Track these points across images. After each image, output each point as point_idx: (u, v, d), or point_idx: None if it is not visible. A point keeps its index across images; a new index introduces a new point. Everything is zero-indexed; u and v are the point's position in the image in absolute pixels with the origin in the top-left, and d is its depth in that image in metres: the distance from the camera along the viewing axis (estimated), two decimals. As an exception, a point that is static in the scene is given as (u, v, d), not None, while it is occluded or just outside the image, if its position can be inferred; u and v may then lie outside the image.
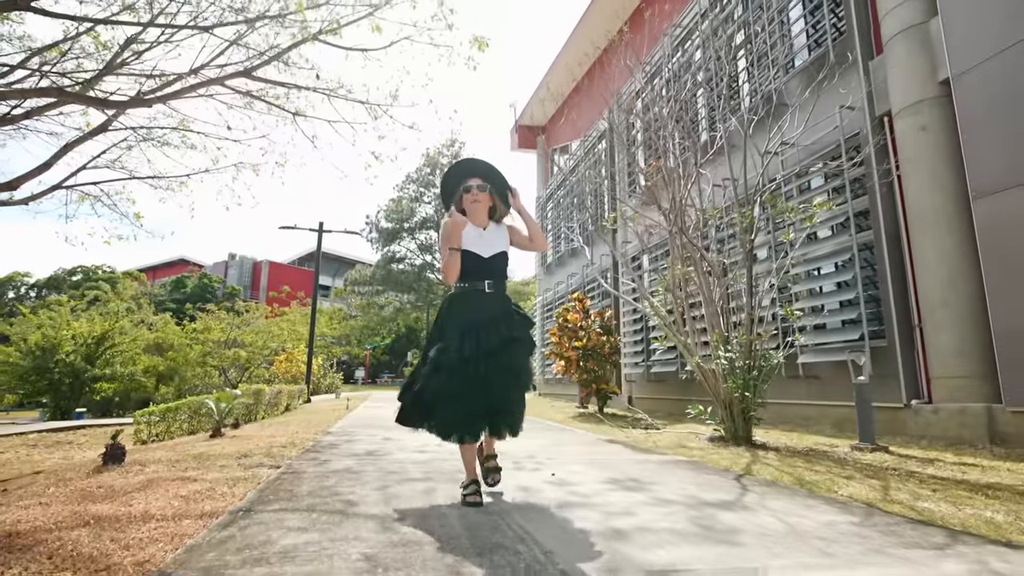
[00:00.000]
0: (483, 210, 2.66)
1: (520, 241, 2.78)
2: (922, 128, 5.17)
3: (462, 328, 2.51)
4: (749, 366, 4.80)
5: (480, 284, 2.60)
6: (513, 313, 2.67)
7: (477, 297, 2.60)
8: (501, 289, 2.67)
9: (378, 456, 3.87)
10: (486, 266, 2.61)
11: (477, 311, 2.56)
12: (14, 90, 6.24)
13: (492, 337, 2.48)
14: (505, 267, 2.71)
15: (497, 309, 2.60)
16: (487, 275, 2.61)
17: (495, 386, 2.45)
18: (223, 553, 1.67)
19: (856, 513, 2.38)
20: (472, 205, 2.63)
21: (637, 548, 1.82)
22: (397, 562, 1.63)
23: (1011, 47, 4.45)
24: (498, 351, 2.47)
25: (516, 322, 2.63)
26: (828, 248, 6.18)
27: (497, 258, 2.65)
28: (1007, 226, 4.43)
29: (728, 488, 2.89)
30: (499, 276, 2.66)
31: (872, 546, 1.90)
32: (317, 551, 1.71)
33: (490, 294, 2.61)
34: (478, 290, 2.60)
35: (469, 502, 2.43)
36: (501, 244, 2.68)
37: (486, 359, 2.43)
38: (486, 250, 2.62)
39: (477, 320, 2.52)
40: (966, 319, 4.72)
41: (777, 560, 1.73)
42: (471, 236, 2.62)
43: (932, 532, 2.10)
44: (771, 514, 2.32)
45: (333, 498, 2.48)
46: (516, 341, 2.56)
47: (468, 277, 2.61)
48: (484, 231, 2.65)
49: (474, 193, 2.63)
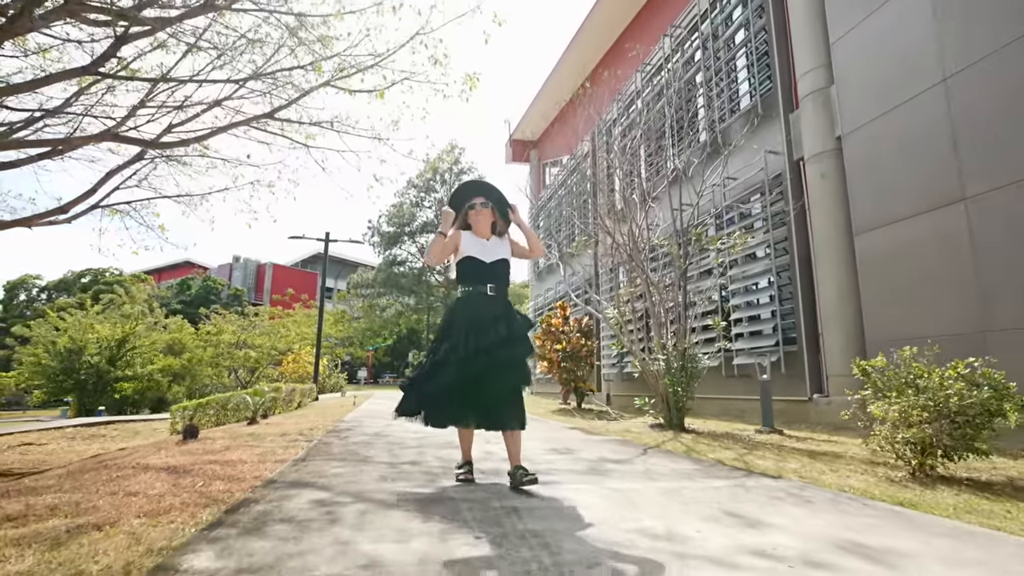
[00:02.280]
0: (485, 223, 2.96)
1: (520, 251, 3.08)
2: (822, 175, 6.39)
3: (464, 327, 2.72)
4: (681, 367, 6.01)
5: (483, 287, 2.84)
6: (514, 314, 2.88)
7: (480, 299, 2.83)
8: (502, 292, 2.91)
9: (384, 435, 5.10)
10: (488, 271, 2.87)
11: (479, 312, 2.77)
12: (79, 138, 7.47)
13: (491, 336, 2.69)
14: (506, 272, 2.95)
15: (498, 310, 2.81)
16: (489, 279, 2.86)
17: (491, 381, 2.66)
18: (299, 474, 2.90)
19: (702, 464, 3.60)
20: (475, 219, 2.95)
21: (544, 477, 3.03)
22: (398, 479, 2.86)
23: (878, 118, 5.67)
24: (496, 349, 2.67)
25: (515, 322, 2.83)
26: (761, 267, 7.40)
27: (498, 264, 2.91)
28: (876, 258, 5.65)
29: (631, 453, 4.11)
30: (500, 280, 2.90)
31: (685, 476, 3.12)
32: (352, 474, 2.94)
33: (492, 297, 2.85)
34: (481, 293, 2.84)
35: (461, 479, 2.81)
36: (502, 252, 2.96)
37: (484, 356, 2.64)
38: (487, 256, 2.90)
39: (479, 320, 2.74)
40: (849, 329, 5.94)
41: (623, 482, 2.95)
42: (474, 245, 2.92)
43: (738, 473, 3.31)
44: (644, 465, 3.55)
45: (354, 455, 3.71)
46: (514, 340, 2.75)
47: (471, 281, 2.87)
48: (487, 241, 2.95)
49: (477, 209, 2.94)
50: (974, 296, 4.68)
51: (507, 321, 2.78)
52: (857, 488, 2.84)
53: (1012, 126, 4.47)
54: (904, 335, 5.16)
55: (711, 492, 2.68)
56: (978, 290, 4.65)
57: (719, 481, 3.01)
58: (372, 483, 2.77)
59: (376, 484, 2.74)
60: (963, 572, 1.56)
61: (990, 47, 4.64)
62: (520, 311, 3.00)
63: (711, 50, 8.69)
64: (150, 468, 3.10)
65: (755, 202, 7.76)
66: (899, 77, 5.47)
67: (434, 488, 2.67)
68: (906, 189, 5.36)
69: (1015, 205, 4.41)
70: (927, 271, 5.12)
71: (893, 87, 5.53)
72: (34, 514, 2.10)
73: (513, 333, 2.75)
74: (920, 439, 3.06)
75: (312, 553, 1.64)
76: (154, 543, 1.68)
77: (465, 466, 2.88)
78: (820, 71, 6.57)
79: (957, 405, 2.94)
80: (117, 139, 7.65)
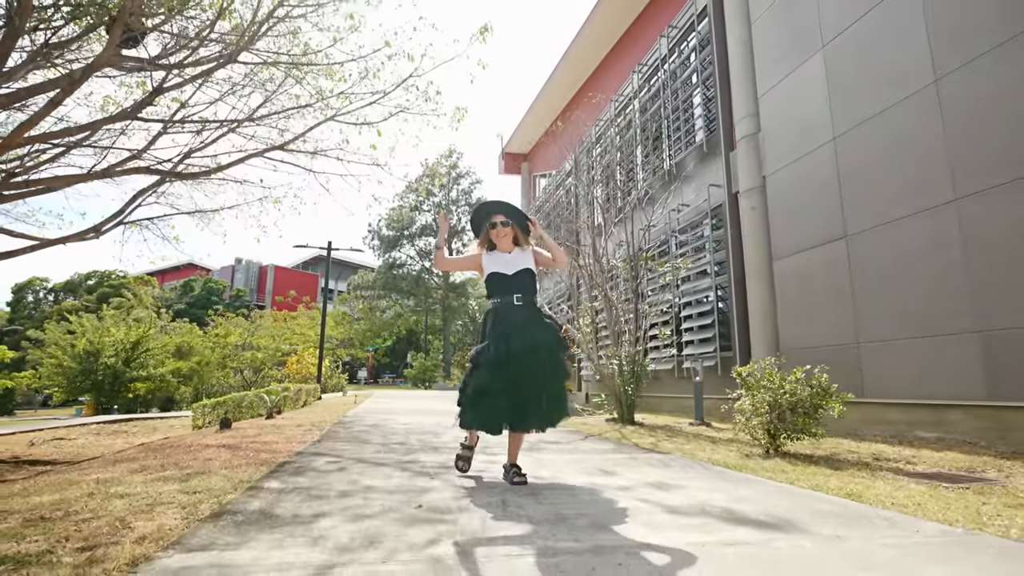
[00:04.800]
0: (507, 240, 3.13)
1: (544, 261, 3.21)
2: (752, 207, 7.57)
3: (495, 337, 2.91)
4: (631, 371, 7.19)
5: (509, 298, 3.02)
6: (540, 320, 3.04)
7: (507, 309, 3.00)
8: (529, 301, 3.05)
9: (379, 426, 6.28)
10: (511, 282, 3.03)
11: (507, 321, 2.95)
12: (119, 171, 8.64)
13: (520, 342, 2.85)
14: (530, 281, 3.09)
15: (525, 318, 2.98)
16: (515, 290, 3.02)
17: (523, 385, 2.82)
18: (318, 449, 4.08)
19: (620, 446, 4.77)
20: (498, 238, 3.13)
21: (489, 453, 4.18)
22: (388, 452, 4.04)
23: (791, 164, 6.85)
24: (526, 354, 2.83)
25: (542, 327, 2.99)
26: (707, 284, 8.58)
27: (521, 274, 3.06)
28: (787, 281, 6.84)
29: (571, 439, 5.28)
30: (526, 290, 3.05)
31: (597, 452, 4.29)
32: (355, 449, 4.12)
33: (519, 306, 3.00)
34: (508, 303, 3.01)
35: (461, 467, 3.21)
36: (524, 263, 3.10)
37: (516, 362, 2.82)
38: (510, 269, 3.06)
39: (507, 329, 2.91)
40: (769, 339, 7.12)
41: (545, 455, 4.11)
42: (497, 261, 3.11)
43: (639, 451, 4.48)
44: (573, 446, 4.71)
45: (356, 439, 4.89)
46: (541, 344, 2.91)
47: (498, 293, 3.05)
48: (508, 255, 3.12)
49: (499, 229, 3.11)
50: (852, 315, 5.86)
51: (534, 327, 2.95)
52: (715, 460, 4.00)
53: (881, 181, 5.64)
54: (805, 344, 6.35)
55: (603, 461, 3.86)
56: (854, 311, 5.83)
57: (618, 455, 4.18)
58: (369, 454, 3.95)
59: (372, 454, 3.92)
60: (710, 496, 2.72)
61: (871, 111, 5.80)
62: (550, 315, 3.18)
63: (670, 91, 9.87)
64: (209, 447, 4.27)
65: (705, 226, 8.94)
66: (804, 132, 6.65)
67: (411, 457, 3.85)
68: (807, 225, 6.54)
69: (879, 243, 5.59)
70: (820, 294, 6.30)
71: (801, 140, 6.71)
72: (153, 468, 3.27)
73: (538, 338, 2.91)
74: (766, 425, 4.23)
75: (332, 483, 2.82)
76: (241, 480, 2.85)
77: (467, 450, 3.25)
78: (751, 119, 7.75)
79: (788, 401, 4.11)
80: (149, 172, 8.83)
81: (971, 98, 4.78)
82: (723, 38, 8.43)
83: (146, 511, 2.19)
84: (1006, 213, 4.46)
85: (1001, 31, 4.54)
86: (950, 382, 4.81)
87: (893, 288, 5.43)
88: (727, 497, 2.64)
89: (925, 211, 5.12)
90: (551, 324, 3.07)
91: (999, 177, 4.52)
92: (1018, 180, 4.38)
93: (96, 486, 2.75)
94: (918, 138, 5.23)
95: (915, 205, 5.22)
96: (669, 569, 1.62)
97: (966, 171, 4.78)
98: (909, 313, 5.24)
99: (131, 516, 2.10)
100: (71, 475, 3.26)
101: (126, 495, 2.50)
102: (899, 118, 5.43)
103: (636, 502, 2.52)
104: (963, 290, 4.74)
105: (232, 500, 2.39)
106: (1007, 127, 4.48)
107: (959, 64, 4.87)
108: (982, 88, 4.69)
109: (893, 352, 5.38)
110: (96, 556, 1.63)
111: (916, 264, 5.19)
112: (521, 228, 3.15)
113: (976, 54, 4.73)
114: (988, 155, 4.62)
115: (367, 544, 1.81)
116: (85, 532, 1.89)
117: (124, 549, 1.69)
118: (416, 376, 33.65)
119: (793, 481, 3.12)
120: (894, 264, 5.41)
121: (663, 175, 9.56)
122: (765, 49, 7.48)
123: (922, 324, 5.10)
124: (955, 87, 4.90)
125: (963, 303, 4.73)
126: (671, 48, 9.97)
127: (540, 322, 3.02)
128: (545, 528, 2.04)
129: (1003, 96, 4.53)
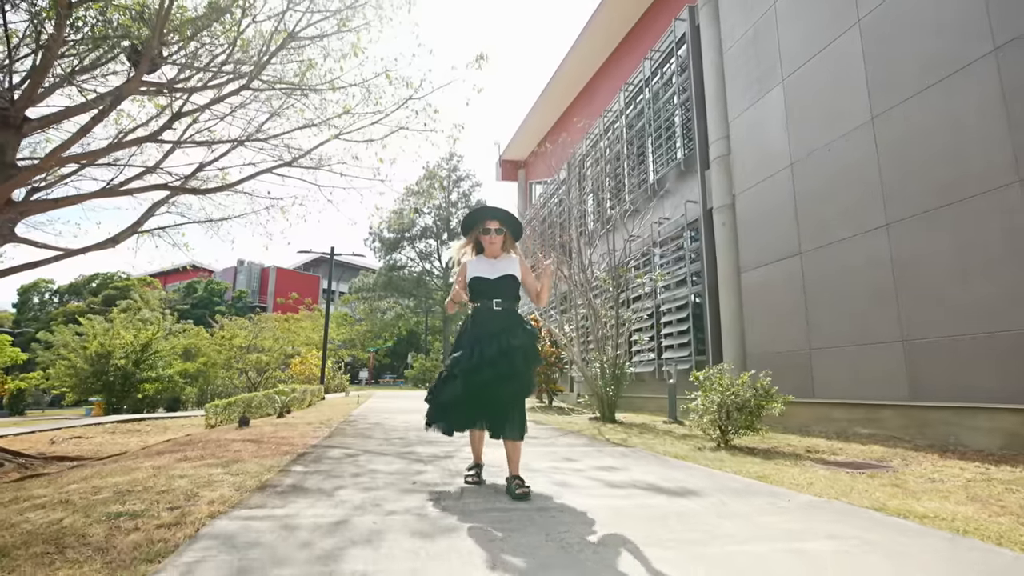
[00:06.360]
0: (497, 247, 3.12)
1: (529, 291, 3.16)
2: (723, 223, 8.24)
3: (472, 341, 2.94)
4: (612, 373, 7.87)
5: (489, 303, 3.01)
6: (518, 326, 3.00)
7: (487, 313, 3.00)
8: (509, 306, 3.04)
9: (381, 424, 6.96)
10: (493, 287, 3.02)
11: (485, 325, 2.96)
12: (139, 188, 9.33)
13: (495, 347, 2.84)
14: (512, 286, 3.07)
15: (503, 323, 2.97)
16: (495, 294, 3.01)
17: (494, 390, 2.83)
18: (330, 442, 4.77)
19: (592, 440, 5.44)
20: (488, 244, 3.12)
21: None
22: (389, 445, 4.72)
23: (755, 185, 7.53)
24: (498, 360, 2.83)
25: (519, 333, 2.95)
26: (685, 292, 9.26)
27: (503, 279, 3.04)
28: (753, 292, 7.51)
29: (550, 435, 5.95)
30: (506, 295, 3.03)
31: (569, 446, 4.97)
32: (361, 443, 4.80)
33: (498, 311, 3.00)
34: (488, 308, 3.01)
35: (469, 482, 3.10)
36: (509, 269, 3.08)
37: (489, 367, 2.82)
38: (493, 274, 3.05)
39: (484, 333, 2.93)
40: (737, 343, 7.79)
41: (525, 447, 4.79)
42: (481, 265, 3.10)
43: (607, 445, 5.15)
44: (551, 440, 5.39)
45: (362, 434, 5.57)
46: (515, 350, 2.86)
47: (479, 297, 3.03)
48: (494, 260, 3.12)
49: (492, 236, 3.09)
50: (805, 324, 6.54)
51: (510, 333, 2.92)
52: (669, 451, 4.68)
53: (829, 205, 6.32)
54: (768, 349, 7.03)
55: (571, 452, 4.54)
56: (807, 320, 6.51)
57: (587, 448, 4.86)
58: (373, 446, 4.63)
59: (376, 447, 4.60)
60: (644, 476, 3.40)
61: (822, 142, 6.47)
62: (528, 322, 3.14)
63: (652, 110, 10.55)
64: (235, 441, 4.95)
65: (684, 239, 9.62)
66: (767, 157, 7.33)
67: (408, 449, 4.54)
68: (769, 241, 7.22)
69: (827, 260, 6.27)
70: (779, 304, 6.98)
71: (763, 163, 7.38)
72: (194, 458, 3.95)
73: (516, 344, 2.87)
74: (716, 422, 4.91)
75: (345, 467, 3.51)
76: (271, 465, 3.54)
77: (475, 468, 3.19)
78: (723, 141, 8.42)
79: (733, 401, 4.79)
80: (167, 188, 9.52)
81: (900, 136, 5.46)
82: (700, 64, 9.11)
83: (206, 486, 2.87)
84: (925, 237, 5.14)
85: (924, 78, 5.22)
86: (881, 385, 5.49)
87: (838, 300, 6.11)
88: (658, 477, 3.33)
89: (862, 233, 5.80)
90: (531, 330, 3.06)
91: (920, 206, 5.20)
92: (933, 210, 5.06)
93: (155, 470, 3.43)
94: (859, 168, 5.91)
95: (856, 228, 5.90)
96: (587, 516, 2.30)
97: (895, 200, 5.46)
98: (850, 323, 5.93)
99: (196, 489, 2.78)
100: (127, 463, 3.94)
101: (184, 476, 3.18)
102: (843, 150, 6.11)
103: (583, 480, 3.20)
104: (891, 303, 5.42)
105: (269, 479, 3.08)
106: (927, 163, 5.16)
107: (891, 105, 5.55)
108: (908, 127, 5.37)
109: (837, 358, 6.06)
110: (185, 511, 2.31)
111: (856, 280, 5.87)
112: (514, 235, 3.20)
113: (903, 97, 5.41)
114: (912, 186, 5.30)
115: (374, 506, 2.49)
116: (168, 499, 2.57)
117: (202, 508, 2.37)
118: (416, 376, 34.36)
119: (724, 467, 3.79)
120: (838, 279, 6.09)
121: (647, 189, 10.25)
122: (735, 77, 8.16)
123: (859, 333, 5.78)
124: (887, 126, 5.58)
125: (891, 315, 5.41)
126: (654, 70, 10.66)
127: (519, 327, 2.99)
128: (506, 496, 2.72)
129: (924, 135, 5.21)
